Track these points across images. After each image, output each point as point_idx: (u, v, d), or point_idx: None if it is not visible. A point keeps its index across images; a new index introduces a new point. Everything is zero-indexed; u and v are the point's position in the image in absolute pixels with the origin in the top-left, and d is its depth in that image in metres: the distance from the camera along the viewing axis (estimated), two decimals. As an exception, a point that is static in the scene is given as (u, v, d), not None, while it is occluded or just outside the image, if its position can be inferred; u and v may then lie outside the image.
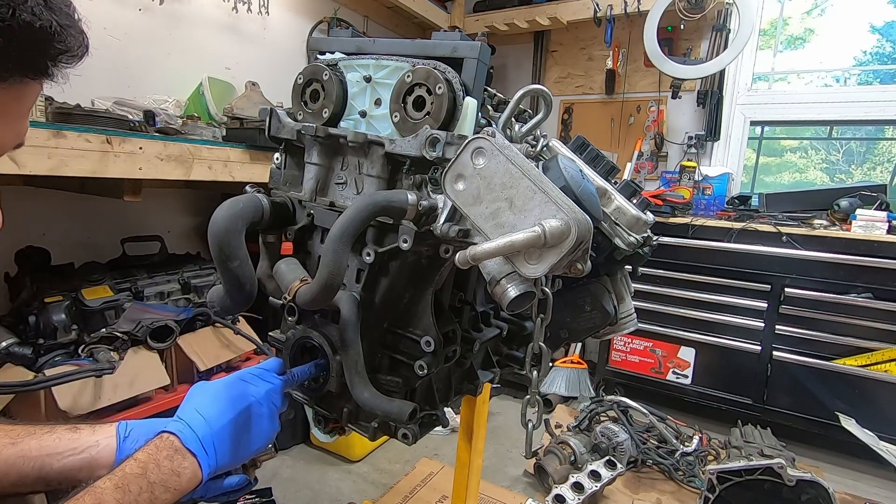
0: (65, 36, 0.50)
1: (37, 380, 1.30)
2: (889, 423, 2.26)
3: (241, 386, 0.77)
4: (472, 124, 0.75)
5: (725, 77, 3.06)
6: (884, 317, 2.25)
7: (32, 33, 0.47)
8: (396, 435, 0.87)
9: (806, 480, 1.57)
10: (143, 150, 1.42)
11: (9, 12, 0.45)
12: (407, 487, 2.02)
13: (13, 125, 0.55)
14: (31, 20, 0.46)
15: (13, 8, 0.45)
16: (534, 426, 0.82)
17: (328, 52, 0.89)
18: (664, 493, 2.08)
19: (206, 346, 1.73)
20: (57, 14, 0.49)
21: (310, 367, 0.84)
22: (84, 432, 0.78)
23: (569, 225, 0.54)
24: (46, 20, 0.47)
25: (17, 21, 0.45)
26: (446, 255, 0.76)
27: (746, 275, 2.52)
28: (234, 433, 0.73)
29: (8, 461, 0.72)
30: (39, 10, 0.47)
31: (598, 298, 1.00)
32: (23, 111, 0.56)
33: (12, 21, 0.45)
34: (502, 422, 2.63)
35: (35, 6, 0.46)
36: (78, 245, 2.01)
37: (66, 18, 0.50)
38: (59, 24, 0.49)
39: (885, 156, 3.17)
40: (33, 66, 0.50)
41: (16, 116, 0.55)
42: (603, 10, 3.09)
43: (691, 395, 2.70)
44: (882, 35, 3.00)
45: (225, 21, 2.42)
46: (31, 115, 0.59)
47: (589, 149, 0.99)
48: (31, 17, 0.46)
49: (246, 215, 0.77)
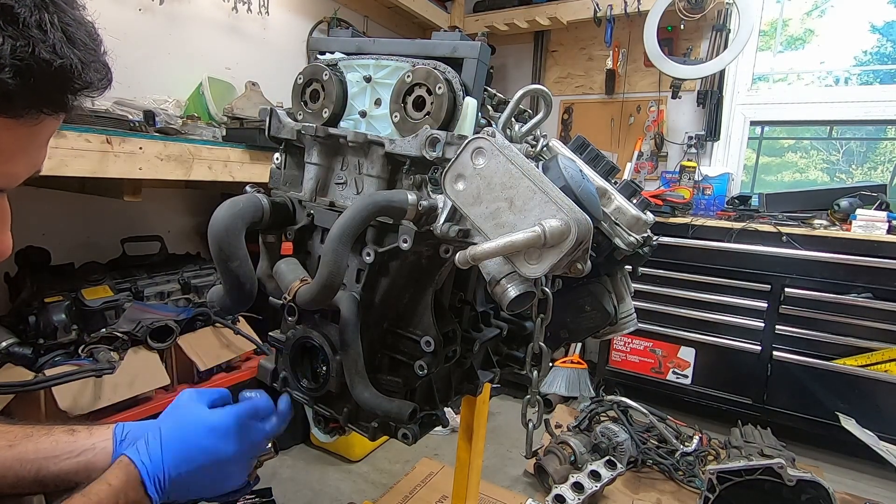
0: (86, 72, 0.47)
1: (37, 380, 1.30)
2: (889, 423, 2.26)
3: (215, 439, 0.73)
4: (472, 124, 0.75)
5: (725, 77, 3.06)
6: (884, 317, 2.25)
7: (51, 72, 0.44)
8: (396, 435, 0.87)
9: (806, 480, 1.57)
10: (143, 150, 1.42)
11: (28, 49, 0.42)
12: (407, 487, 2.02)
13: (29, 157, 0.53)
14: (51, 58, 0.43)
15: (33, 45, 0.42)
16: (534, 426, 0.82)
17: (328, 52, 0.89)
18: (664, 493, 2.08)
19: (206, 346, 1.73)
20: (80, 48, 0.46)
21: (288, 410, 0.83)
22: (81, 435, 0.78)
23: (569, 225, 0.54)
24: (67, 58, 0.44)
25: (36, 59, 0.42)
26: (446, 255, 0.76)
27: (746, 275, 2.52)
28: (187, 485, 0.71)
29: (5, 464, 0.72)
30: (60, 47, 0.44)
31: (598, 298, 1.00)
32: (40, 143, 0.53)
33: (31, 60, 0.42)
34: (502, 422, 2.63)
35: (56, 42, 0.43)
36: (78, 245, 2.01)
37: (89, 53, 0.47)
38: (80, 60, 0.46)
39: (886, 156, 3.17)
40: (51, 102, 0.47)
41: (33, 149, 0.53)
42: (603, 10, 3.09)
43: (691, 395, 2.70)
44: (882, 35, 3.00)
45: (225, 21, 2.42)
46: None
47: (589, 149, 0.99)
48: (52, 55, 0.43)
49: (246, 215, 0.77)
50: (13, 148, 0.49)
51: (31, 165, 0.54)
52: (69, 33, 0.45)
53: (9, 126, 0.46)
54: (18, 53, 0.41)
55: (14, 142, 0.48)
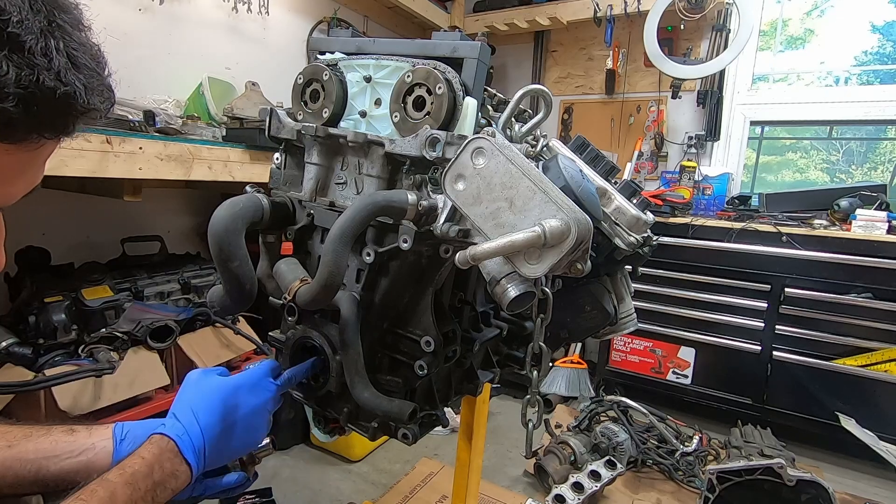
0: (89, 97, 0.47)
1: (37, 380, 1.30)
2: (889, 423, 2.26)
3: (237, 396, 0.77)
4: (472, 124, 0.75)
5: (725, 77, 3.06)
6: (884, 317, 2.25)
7: (54, 99, 0.44)
8: (396, 435, 0.87)
9: (806, 480, 1.57)
10: (143, 150, 1.42)
11: (33, 78, 0.41)
12: (407, 487, 2.02)
13: (27, 178, 0.53)
14: (55, 86, 0.43)
15: (37, 73, 0.42)
16: (534, 426, 0.82)
17: (328, 52, 0.89)
18: (664, 493, 2.08)
19: (206, 346, 1.73)
20: (84, 73, 0.46)
21: (306, 367, 0.84)
22: (80, 434, 0.78)
23: (569, 225, 0.54)
24: (71, 85, 0.44)
25: (40, 87, 0.42)
26: (446, 255, 0.76)
27: (746, 275, 2.52)
28: (225, 441, 0.74)
29: (4, 464, 0.72)
30: (65, 74, 0.44)
31: (598, 298, 1.00)
32: (38, 164, 0.54)
33: (35, 88, 0.42)
34: (502, 422, 2.63)
35: (61, 69, 0.43)
36: (78, 245, 2.01)
37: (93, 77, 0.47)
38: (84, 85, 0.46)
39: (886, 156, 3.16)
40: (53, 128, 0.47)
41: (31, 171, 0.53)
42: (603, 10, 3.09)
43: (691, 395, 2.70)
44: (882, 35, 3.00)
45: (225, 21, 2.42)
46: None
47: (589, 149, 0.99)
48: (56, 82, 0.43)
49: (246, 215, 0.77)
50: (13, 171, 0.49)
51: (29, 184, 0.54)
52: (74, 58, 0.45)
53: (9, 151, 0.46)
54: (23, 82, 0.41)
55: (14, 165, 0.49)
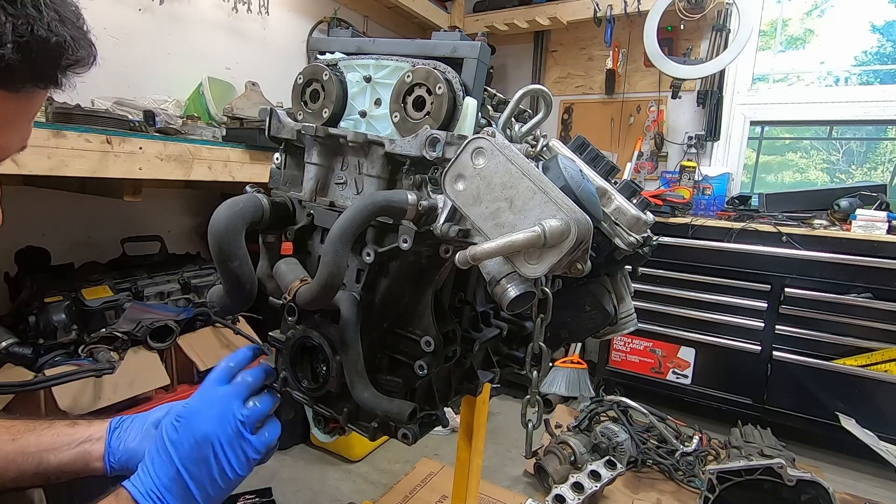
0: (77, 48, 0.52)
1: (37, 380, 1.30)
2: (889, 423, 2.26)
3: (198, 425, 0.67)
4: (472, 124, 0.75)
5: (725, 77, 3.06)
6: (884, 317, 2.25)
7: (48, 48, 0.49)
8: (396, 435, 0.87)
9: (806, 480, 1.57)
10: (143, 150, 1.42)
11: (28, 28, 0.47)
12: (407, 487, 2.02)
13: (20, 130, 0.58)
14: (48, 36, 0.48)
15: (31, 24, 0.47)
16: (534, 426, 0.82)
17: (328, 52, 0.89)
18: (664, 493, 2.08)
19: (206, 346, 1.73)
20: (69, 27, 0.51)
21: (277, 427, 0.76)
22: (81, 427, 0.79)
23: (569, 225, 0.54)
24: (61, 35, 0.50)
25: (34, 37, 0.47)
26: (446, 255, 0.76)
27: (746, 275, 2.52)
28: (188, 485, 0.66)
29: (7, 457, 0.73)
30: (55, 25, 0.49)
31: (598, 298, 1.00)
32: (29, 117, 0.59)
33: (30, 37, 0.47)
34: (502, 422, 2.63)
35: (51, 21, 0.49)
36: (78, 245, 2.01)
37: (78, 31, 0.53)
38: (71, 37, 0.51)
39: (886, 156, 3.16)
40: (45, 76, 0.53)
41: (23, 122, 0.58)
42: (603, 11, 3.09)
43: (691, 395, 2.70)
44: (882, 35, 3.00)
45: (225, 21, 2.42)
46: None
47: (589, 149, 0.99)
48: (48, 32, 0.48)
49: (246, 215, 0.76)
50: (7, 120, 0.55)
51: (20, 139, 0.59)
52: (60, 12, 0.50)
53: (7, 99, 0.52)
54: (19, 31, 0.46)
55: (8, 114, 0.54)
